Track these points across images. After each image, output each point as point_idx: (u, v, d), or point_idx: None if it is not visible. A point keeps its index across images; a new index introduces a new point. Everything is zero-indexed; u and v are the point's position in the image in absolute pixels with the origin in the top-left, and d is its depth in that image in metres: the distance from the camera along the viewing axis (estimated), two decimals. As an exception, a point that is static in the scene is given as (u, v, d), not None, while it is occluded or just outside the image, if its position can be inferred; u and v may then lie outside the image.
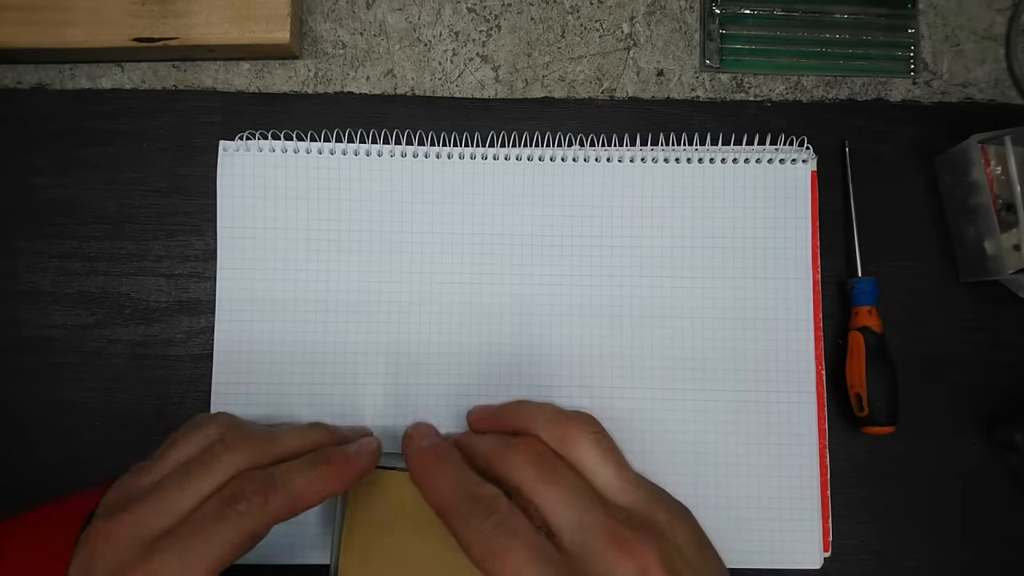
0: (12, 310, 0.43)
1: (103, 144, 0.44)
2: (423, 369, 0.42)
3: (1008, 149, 0.41)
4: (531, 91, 0.45)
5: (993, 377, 0.44)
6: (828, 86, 0.46)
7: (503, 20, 0.46)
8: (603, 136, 0.44)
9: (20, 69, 0.45)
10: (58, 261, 0.43)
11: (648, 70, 0.46)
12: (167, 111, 0.44)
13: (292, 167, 0.43)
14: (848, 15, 0.46)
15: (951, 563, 0.43)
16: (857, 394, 0.42)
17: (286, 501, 0.31)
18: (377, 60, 0.45)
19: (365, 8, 0.46)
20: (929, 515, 0.43)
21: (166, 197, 0.44)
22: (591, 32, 0.46)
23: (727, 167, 0.44)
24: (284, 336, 0.42)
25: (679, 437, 0.42)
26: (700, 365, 0.43)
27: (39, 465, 0.42)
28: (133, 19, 0.42)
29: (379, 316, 0.42)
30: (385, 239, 0.43)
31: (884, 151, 0.45)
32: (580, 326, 0.43)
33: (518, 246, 0.43)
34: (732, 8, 0.46)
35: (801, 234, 0.44)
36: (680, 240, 0.44)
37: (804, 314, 0.43)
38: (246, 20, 0.42)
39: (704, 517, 0.42)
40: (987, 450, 0.43)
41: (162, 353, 0.43)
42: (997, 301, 0.44)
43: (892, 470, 0.43)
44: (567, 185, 0.44)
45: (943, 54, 0.47)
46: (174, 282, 0.43)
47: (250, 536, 0.31)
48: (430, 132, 0.44)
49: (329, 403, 0.42)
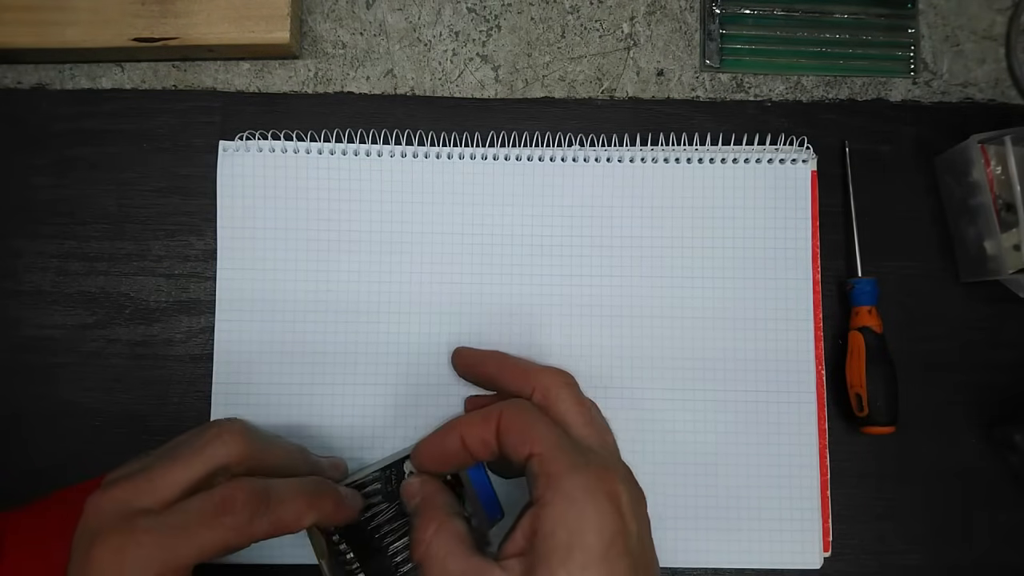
0: (12, 310, 0.43)
1: (103, 144, 0.44)
2: (423, 369, 0.42)
3: (1008, 149, 0.41)
4: (531, 91, 0.45)
5: (993, 377, 0.44)
6: (828, 86, 0.46)
7: (503, 20, 0.46)
8: (603, 136, 0.44)
9: (20, 69, 0.45)
10: (58, 261, 0.43)
11: (648, 70, 0.46)
12: (167, 111, 0.44)
13: (292, 167, 0.43)
14: (848, 15, 0.46)
15: (951, 563, 0.43)
16: (857, 394, 0.42)
17: (271, 524, 0.32)
18: (377, 60, 0.45)
19: (365, 8, 0.46)
20: (929, 515, 0.43)
21: (166, 197, 0.44)
22: (591, 32, 0.46)
23: (727, 167, 0.44)
24: (284, 336, 0.42)
25: (679, 437, 0.42)
26: (700, 365, 0.43)
27: (39, 465, 0.42)
28: (133, 19, 0.42)
29: (379, 316, 0.42)
30: (385, 239, 0.43)
31: (884, 151, 0.45)
32: (580, 326, 0.43)
33: (518, 246, 0.43)
34: (732, 8, 0.46)
35: (801, 234, 0.44)
36: (680, 240, 0.44)
37: (804, 314, 0.43)
38: (246, 20, 0.42)
39: (704, 517, 0.42)
40: (987, 450, 0.43)
41: (162, 353, 0.43)
42: (997, 301, 0.44)
43: (892, 470, 0.43)
44: (567, 185, 0.44)
45: (943, 54, 0.47)
46: (174, 282, 0.43)
47: (227, 548, 0.31)
48: (430, 132, 0.44)
49: (329, 403, 0.42)
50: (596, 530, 0.29)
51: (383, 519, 0.37)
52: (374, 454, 0.41)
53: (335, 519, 0.35)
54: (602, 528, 0.29)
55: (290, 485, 0.33)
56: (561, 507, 0.29)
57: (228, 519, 0.31)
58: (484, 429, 0.33)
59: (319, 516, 0.33)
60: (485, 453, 0.33)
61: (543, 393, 0.34)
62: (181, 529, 0.30)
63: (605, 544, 0.28)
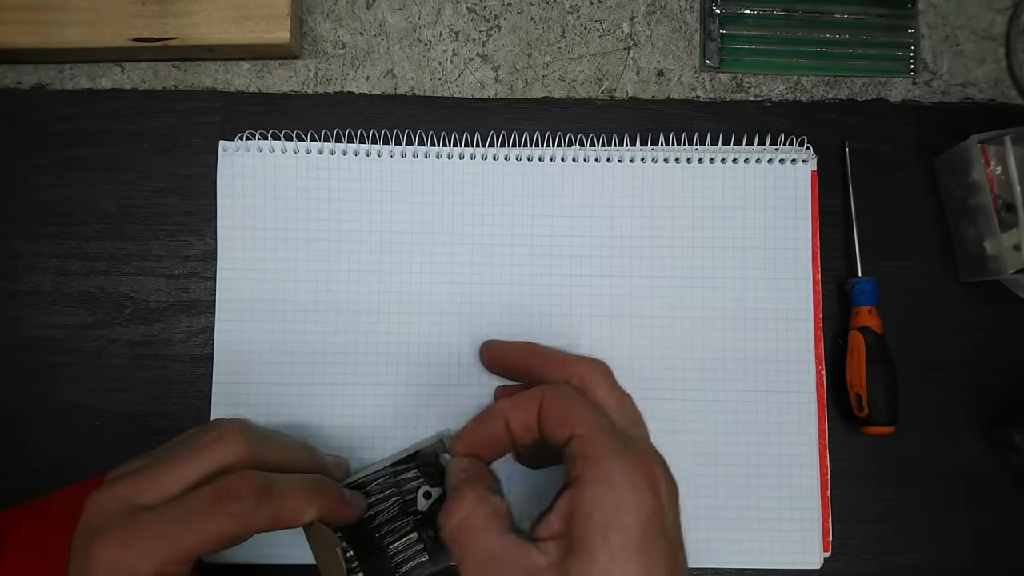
0: (12, 310, 0.43)
1: (103, 144, 0.44)
2: (423, 369, 0.42)
3: (1008, 149, 0.41)
4: (531, 91, 0.45)
5: (993, 377, 0.44)
6: (828, 86, 0.46)
7: (503, 20, 0.46)
8: (603, 136, 0.44)
9: (20, 69, 0.45)
10: (58, 261, 0.43)
11: (648, 70, 0.46)
12: (167, 111, 0.44)
13: (292, 167, 0.43)
14: (848, 15, 0.46)
15: (951, 563, 0.43)
16: (857, 394, 0.42)
17: (274, 514, 0.31)
18: (377, 60, 0.45)
19: (365, 8, 0.46)
20: (929, 515, 0.43)
21: (166, 197, 0.44)
22: (591, 32, 0.46)
23: (727, 167, 0.44)
24: (284, 336, 0.42)
25: (679, 437, 0.42)
26: (700, 365, 0.43)
27: (39, 465, 0.42)
28: (133, 19, 0.42)
29: (379, 316, 0.42)
30: (385, 239, 0.43)
31: (884, 151, 0.45)
32: (580, 326, 0.43)
33: (518, 246, 0.43)
34: (732, 8, 0.46)
35: (801, 234, 0.44)
36: (680, 240, 0.44)
37: (804, 314, 0.43)
38: (246, 20, 0.42)
39: (704, 517, 0.42)
40: (987, 450, 0.43)
41: (162, 353, 0.43)
42: (997, 301, 0.44)
43: (892, 470, 0.43)
44: (567, 185, 0.44)
45: (943, 54, 0.47)
46: (174, 282, 0.43)
47: (229, 537, 0.31)
48: (430, 132, 0.44)
49: (329, 403, 0.42)
50: (635, 511, 0.28)
51: (384, 519, 0.37)
52: (374, 454, 0.41)
53: (337, 516, 0.35)
54: (640, 509, 0.28)
55: (293, 478, 0.33)
56: (600, 489, 0.29)
57: (232, 507, 0.30)
58: (527, 412, 0.33)
59: (321, 511, 0.33)
60: (528, 436, 0.33)
61: (580, 381, 0.34)
62: (183, 518, 0.30)
63: (643, 525, 0.28)
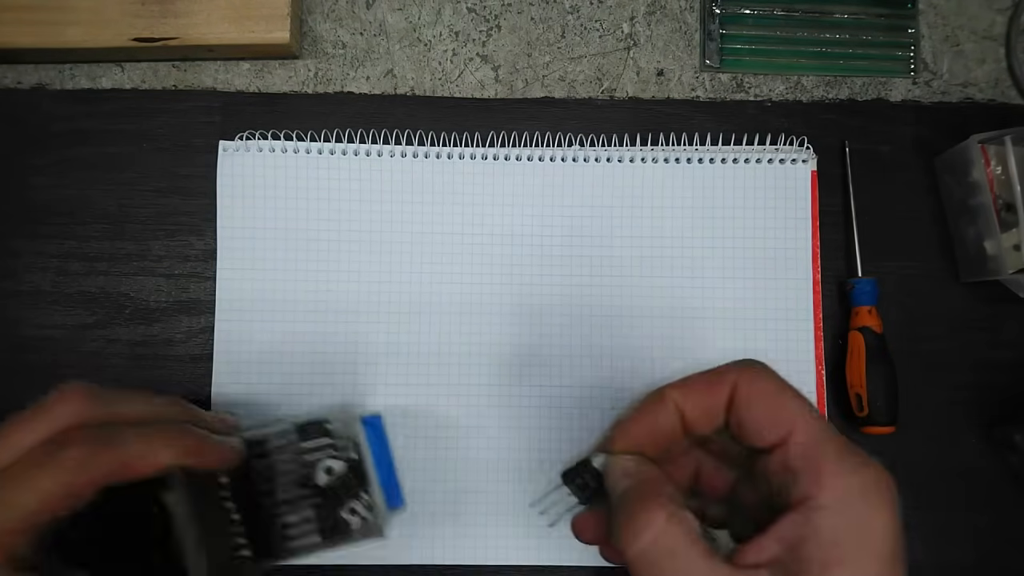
0: (12, 310, 0.43)
1: (103, 144, 0.44)
2: (423, 369, 0.42)
3: (1008, 149, 0.41)
4: (531, 91, 0.45)
5: (993, 377, 0.44)
6: (828, 86, 0.46)
7: (503, 20, 0.46)
8: (603, 136, 0.44)
9: (20, 69, 0.45)
10: (58, 261, 0.43)
11: (648, 70, 0.46)
12: (167, 111, 0.44)
13: (292, 167, 0.43)
14: (848, 15, 0.46)
15: (951, 563, 0.43)
16: (857, 394, 0.42)
17: (115, 460, 0.29)
18: (377, 60, 0.45)
19: (365, 8, 0.46)
20: (929, 515, 0.43)
21: (166, 197, 0.44)
22: (591, 32, 0.46)
23: (727, 167, 0.44)
24: (284, 336, 0.42)
25: (679, 437, 0.42)
26: (700, 365, 0.43)
27: (39, 465, 0.42)
28: (133, 19, 0.42)
29: (379, 316, 0.42)
30: (385, 239, 0.43)
31: (884, 151, 0.45)
32: (580, 326, 0.43)
33: (518, 246, 0.43)
34: (732, 8, 0.46)
35: (801, 234, 0.44)
36: (680, 240, 0.44)
37: (804, 314, 0.43)
38: (246, 20, 0.42)
39: (704, 517, 0.42)
40: (987, 450, 0.43)
41: (162, 353, 0.43)
42: (997, 301, 0.44)
43: (892, 470, 0.43)
44: (567, 185, 0.44)
45: (943, 54, 0.47)
46: (174, 282, 0.43)
47: (68, 489, 0.28)
48: (430, 132, 0.44)
49: (329, 403, 0.42)
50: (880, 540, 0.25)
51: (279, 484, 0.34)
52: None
53: (206, 460, 0.31)
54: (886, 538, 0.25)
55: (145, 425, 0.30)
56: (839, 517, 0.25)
57: (62, 454, 0.28)
58: (710, 397, 0.27)
59: (181, 454, 0.30)
60: (707, 427, 0.28)
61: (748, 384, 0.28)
62: (16, 479, 0.28)
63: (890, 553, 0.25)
